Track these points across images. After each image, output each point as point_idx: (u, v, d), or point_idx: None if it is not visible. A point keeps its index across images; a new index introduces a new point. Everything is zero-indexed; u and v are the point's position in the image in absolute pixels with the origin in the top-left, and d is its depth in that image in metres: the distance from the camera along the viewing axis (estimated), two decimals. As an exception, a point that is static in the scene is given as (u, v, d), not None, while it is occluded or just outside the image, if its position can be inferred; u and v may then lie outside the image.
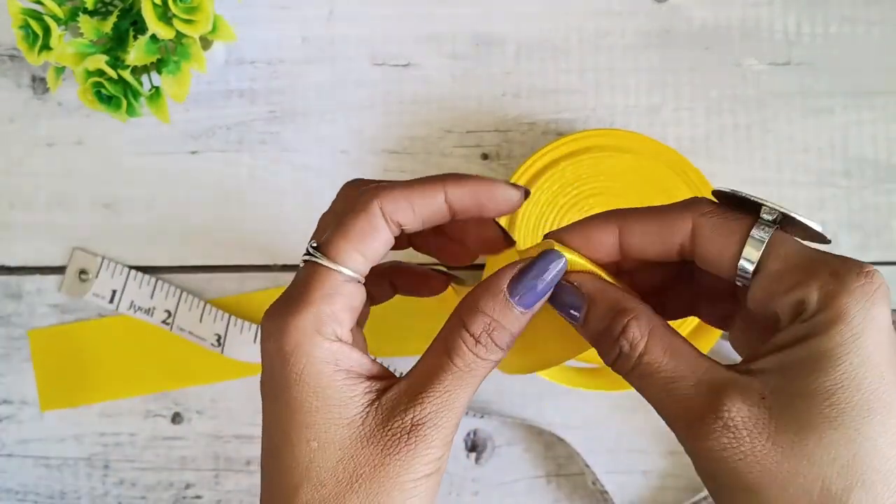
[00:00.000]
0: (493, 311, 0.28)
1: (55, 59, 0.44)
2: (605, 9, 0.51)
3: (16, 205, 0.52)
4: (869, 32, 0.51)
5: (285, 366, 0.28)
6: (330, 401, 0.28)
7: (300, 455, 0.28)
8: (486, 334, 0.28)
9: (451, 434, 0.29)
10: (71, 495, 0.52)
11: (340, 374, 0.28)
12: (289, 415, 0.28)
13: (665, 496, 0.50)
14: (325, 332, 0.28)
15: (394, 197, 0.29)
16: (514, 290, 0.29)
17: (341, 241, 0.29)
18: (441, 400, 0.28)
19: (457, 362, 0.29)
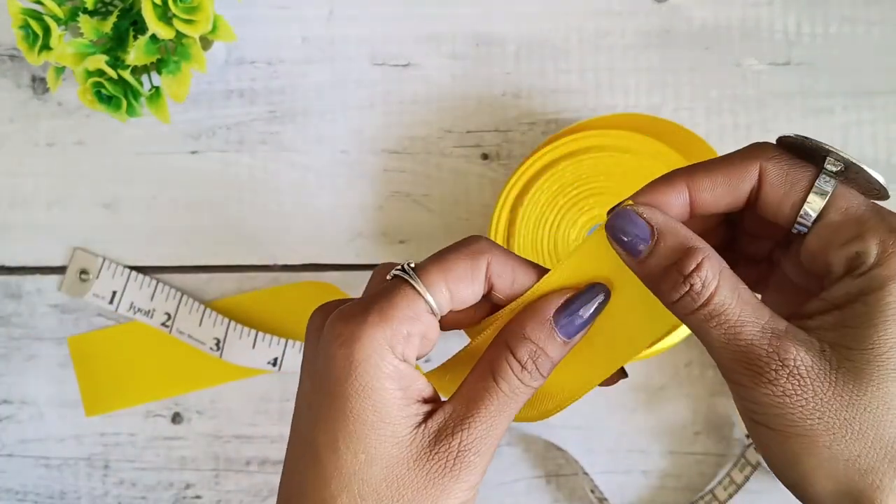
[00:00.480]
0: (538, 338, 0.29)
1: (55, 59, 0.44)
2: (605, 9, 0.51)
3: (16, 205, 0.52)
4: (869, 32, 0.51)
5: (350, 374, 0.28)
6: (386, 418, 0.28)
7: (345, 465, 0.28)
8: (532, 361, 0.29)
9: (489, 460, 0.29)
10: (71, 495, 0.52)
11: (400, 393, 0.28)
12: (342, 423, 0.28)
13: (665, 496, 0.50)
14: (396, 350, 0.28)
15: (502, 260, 0.29)
16: (559, 319, 0.29)
17: (438, 274, 0.29)
18: (486, 425, 0.28)
19: (503, 387, 0.29)
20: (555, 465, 0.50)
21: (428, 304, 0.28)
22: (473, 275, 0.29)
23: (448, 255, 0.29)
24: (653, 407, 0.50)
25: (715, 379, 0.50)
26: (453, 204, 0.51)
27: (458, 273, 0.29)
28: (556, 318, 0.29)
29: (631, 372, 0.50)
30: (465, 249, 0.29)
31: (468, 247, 0.29)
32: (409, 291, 0.28)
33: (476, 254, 0.29)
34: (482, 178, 0.51)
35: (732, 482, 0.49)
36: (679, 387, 0.50)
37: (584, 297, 0.29)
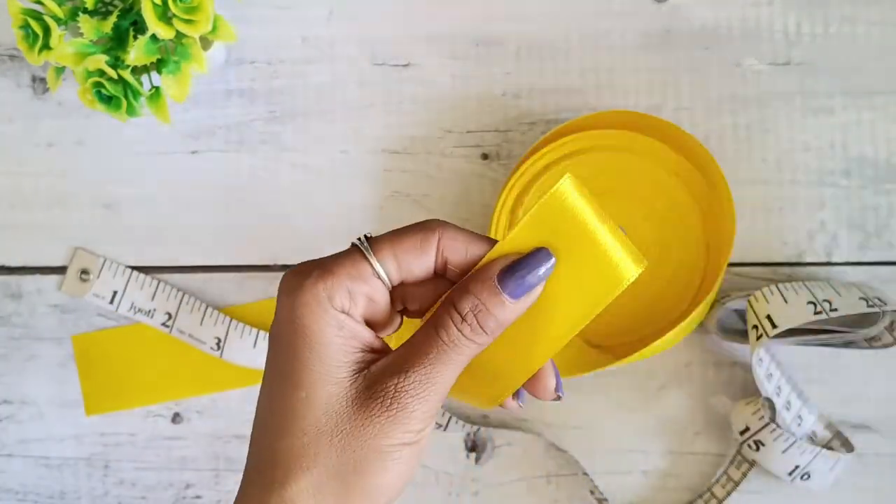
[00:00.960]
0: (480, 294, 0.30)
1: (55, 59, 0.44)
2: (606, 9, 0.51)
3: (16, 205, 0.52)
4: (869, 32, 0.51)
5: (293, 319, 0.30)
6: (326, 359, 0.30)
7: (288, 403, 0.30)
8: (472, 314, 0.30)
9: (432, 409, 0.30)
10: (71, 495, 0.52)
11: (340, 339, 0.30)
12: (287, 365, 0.30)
13: (665, 496, 0.50)
14: (335, 301, 0.30)
15: (455, 234, 0.31)
16: (504, 279, 0.30)
17: (388, 244, 0.31)
18: (425, 371, 0.30)
19: (442, 336, 0.30)
20: (555, 465, 0.50)
21: (374, 268, 0.30)
22: (423, 247, 0.31)
23: (401, 230, 0.31)
24: (653, 407, 0.50)
25: (715, 379, 0.50)
26: (453, 204, 0.51)
27: (407, 244, 0.31)
28: (500, 278, 0.30)
29: (631, 371, 0.50)
30: (418, 225, 0.31)
31: (422, 224, 0.31)
32: (357, 255, 0.31)
33: (427, 229, 0.31)
34: (482, 178, 0.51)
35: (730, 480, 0.49)
36: (679, 387, 0.50)
37: (528, 258, 0.31)
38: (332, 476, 0.30)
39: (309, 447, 0.30)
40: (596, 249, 0.31)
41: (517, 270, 0.31)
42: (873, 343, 0.48)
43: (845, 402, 0.50)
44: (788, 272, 0.50)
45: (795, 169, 0.51)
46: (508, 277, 0.30)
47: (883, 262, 0.50)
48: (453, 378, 0.31)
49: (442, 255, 0.31)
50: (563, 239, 0.31)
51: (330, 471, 0.30)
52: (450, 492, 0.51)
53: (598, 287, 0.31)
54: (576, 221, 0.31)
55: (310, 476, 0.30)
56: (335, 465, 0.30)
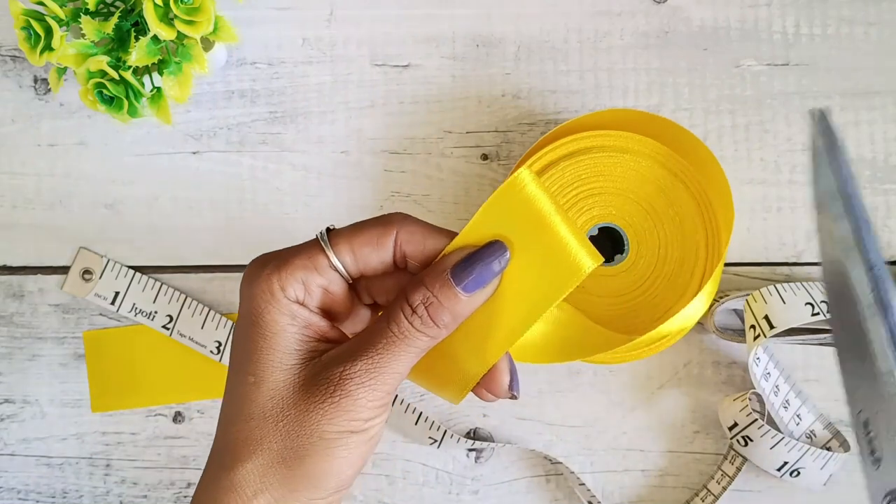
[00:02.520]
0: (433, 286, 0.30)
1: (57, 60, 0.45)
2: (605, 9, 0.51)
3: (18, 205, 0.52)
4: (867, 33, 0.51)
5: (249, 309, 0.31)
6: (276, 346, 0.30)
7: (241, 389, 0.31)
8: (423, 307, 0.30)
9: (379, 398, 0.30)
10: (73, 494, 0.52)
11: (294, 327, 0.31)
12: (243, 353, 0.31)
13: (664, 495, 0.50)
14: (288, 292, 0.31)
15: (412, 228, 0.31)
16: (457, 273, 0.31)
17: (345, 236, 0.31)
18: (373, 361, 0.30)
19: (392, 328, 0.30)
20: (554, 465, 0.51)
21: (329, 259, 0.31)
22: (380, 241, 0.31)
23: (361, 223, 0.32)
24: (651, 406, 0.50)
25: (714, 378, 0.50)
26: (453, 204, 0.52)
27: (364, 237, 0.31)
28: (453, 271, 0.30)
29: (631, 371, 0.50)
30: (378, 219, 0.32)
31: (381, 217, 0.32)
32: (315, 246, 0.31)
33: (386, 222, 0.31)
34: (482, 179, 0.51)
35: (725, 475, 0.49)
36: (678, 386, 0.50)
37: (482, 251, 0.31)
38: (277, 460, 0.30)
39: (255, 431, 0.30)
40: (554, 241, 0.30)
41: (471, 264, 0.31)
42: None
43: (844, 401, 0.50)
44: (787, 272, 0.50)
45: (794, 169, 0.51)
46: (462, 271, 0.30)
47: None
48: (404, 369, 0.31)
49: (401, 248, 0.31)
50: (519, 231, 0.31)
51: (274, 455, 0.30)
52: (450, 491, 0.51)
53: (555, 279, 0.31)
54: (533, 213, 0.30)
55: (255, 460, 0.30)
56: (280, 450, 0.30)
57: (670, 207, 0.48)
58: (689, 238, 0.48)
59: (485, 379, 0.33)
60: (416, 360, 0.31)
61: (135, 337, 0.52)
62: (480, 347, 0.32)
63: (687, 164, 0.47)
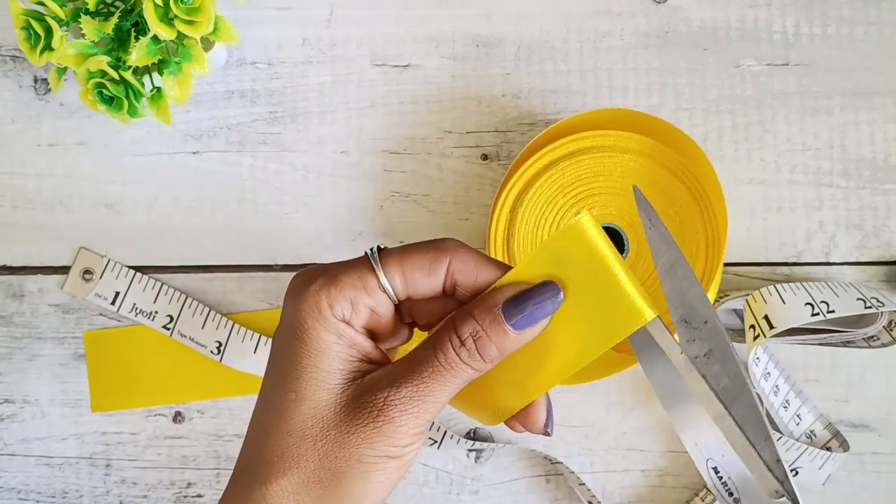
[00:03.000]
0: (483, 320, 0.30)
1: (57, 60, 0.45)
2: (605, 9, 0.51)
3: (18, 205, 0.52)
4: (867, 33, 0.51)
5: (294, 323, 0.30)
6: (321, 365, 0.30)
7: (279, 403, 0.30)
8: (472, 340, 0.30)
9: (420, 426, 0.30)
10: (73, 494, 0.52)
11: (339, 346, 0.30)
12: (283, 367, 0.31)
13: (664, 494, 0.50)
14: (335, 310, 0.30)
15: (465, 258, 0.31)
16: (508, 309, 0.30)
17: (397, 258, 0.31)
18: (417, 389, 0.30)
19: (439, 358, 0.30)
20: (554, 465, 0.51)
21: (379, 280, 0.30)
22: (432, 266, 0.31)
23: (413, 246, 0.31)
24: (651, 406, 0.50)
25: (714, 378, 0.50)
26: (453, 204, 0.52)
27: (416, 261, 0.31)
28: (504, 307, 0.30)
29: (631, 371, 0.50)
30: (431, 243, 0.31)
31: (434, 242, 0.31)
32: (365, 266, 0.31)
33: (440, 248, 0.31)
34: (482, 178, 0.51)
35: None
36: (678, 386, 0.50)
37: (535, 290, 0.30)
38: (313, 480, 0.30)
39: (292, 448, 0.30)
40: (612, 288, 0.30)
41: (523, 301, 0.30)
42: (872, 342, 0.48)
43: (844, 401, 0.50)
44: (787, 272, 0.50)
45: (794, 169, 0.51)
46: (513, 308, 0.30)
47: (881, 262, 0.50)
48: (446, 399, 0.31)
49: (452, 276, 0.31)
50: (576, 274, 0.30)
51: (310, 474, 0.30)
52: (450, 491, 0.51)
53: (610, 326, 0.30)
54: (592, 257, 0.30)
55: (290, 477, 0.30)
56: (316, 469, 0.30)
57: (670, 207, 0.48)
58: (689, 238, 0.48)
59: (521, 413, 0.33)
60: (459, 391, 0.31)
61: (135, 337, 0.52)
62: (523, 383, 0.32)
63: (687, 163, 0.47)
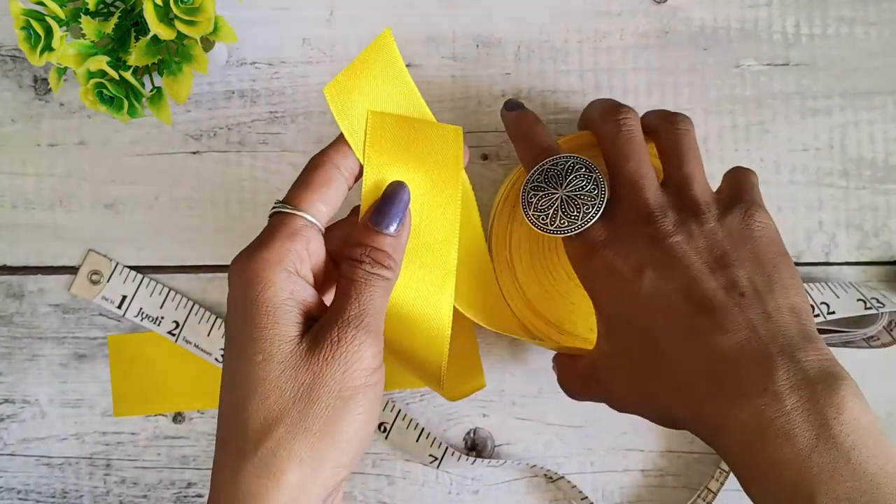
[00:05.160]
0: (365, 239, 0.34)
1: (57, 60, 0.45)
2: (605, 9, 0.51)
3: (17, 205, 0.52)
4: (867, 33, 0.51)
5: (247, 290, 0.32)
6: (280, 321, 0.32)
7: (248, 368, 0.31)
8: (365, 255, 0.34)
9: (376, 343, 0.33)
10: (73, 494, 0.52)
11: (292, 301, 0.32)
12: (244, 333, 0.32)
13: (664, 495, 0.50)
14: (286, 264, 0.32)
15: (341, 149, 0.36)
16: (375, 220, 0.35)
17: (302, 192, 0.34)
18: (356, 307, 0.33)
19: (354, 277, 0.34)
20: (554, 465, 0.51)
21: (304, 218, 0.34)
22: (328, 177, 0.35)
23: (303, 175, 0.35)
24: (652, 406, 0.51)
25: (714, 378, 0.50)
26: (453, 204, 0.52)
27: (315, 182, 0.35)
28: (373, 220, 0.35)
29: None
30: (314, 162, 0.36)
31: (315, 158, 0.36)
32: (284, 217, 0.34)
33: (322, 159, 0.36)
34: (482, 179, 0.51)
35: (723, 472, 0.49)
36: (678, 386, 0.50)
37: (385, 194, 0.36)
38: (301, 429, 0.30)
39: (273, 408, 0.31)
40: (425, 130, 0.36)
41: (381, 208, 0.35)
42: (872, 342, 0.48)
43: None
44: (787, 272, 0.50)
45: (794, 169, 0.51)
46: (378, 217, 0.35)
47: (881, 262, 0.50)
48: (381, 307, 0.34)
49: (344, 171, 0.36)
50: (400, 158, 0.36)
51: (297, 425, 0.30)
52: (450, 491, 0.51)
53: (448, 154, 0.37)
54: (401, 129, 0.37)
55: (279, 435, 0.30)
56: (301, 418, 0.31)
57: None
58: None
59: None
60: (386, 302, 0.35)
61: (158, 341, 0.51)
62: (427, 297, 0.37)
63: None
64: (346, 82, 0.37)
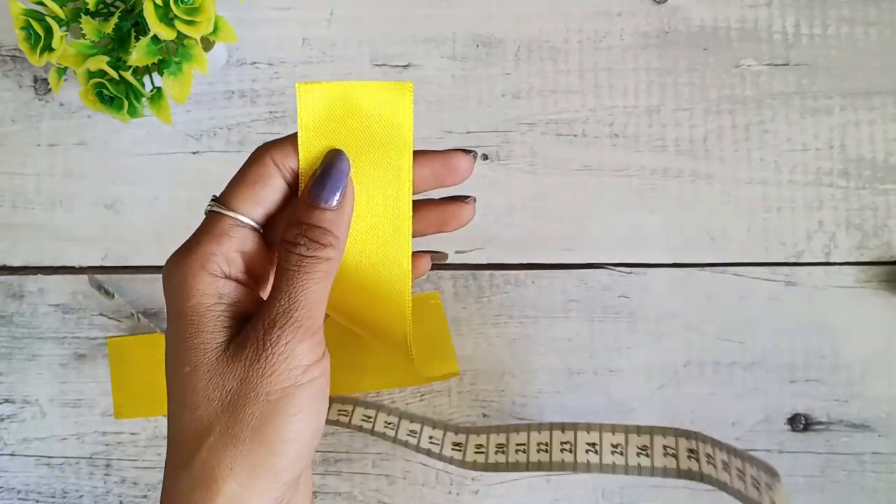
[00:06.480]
0: (302, 217, 0.31)
1: (57, 60, 0.45)
2: (605, 10, 0.51)
3: (18, 205, 0.52)
4: (867, 33, 0.51)
5: (173, 301, 0.30)
6: (204, 329, 0.30)
7: (178, 381, 0.30)
8: (302, 235, 0.31)
9: (309, 339, 0.30)
10: (73, 494, 0.52)
11: (220, 306, 0.30)
12: (173, 343, 0.30)
13: (664, 495, 0.50)
14: (210, 268, 0.30)
15: (282, 145, 0.32)
16: (314, 194, 0.32)
17: (234, 190, 0.32)
18: (285, 302, 0.30)
19: (287, 266, 0.31)
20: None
21: (234, 218, 0.31)
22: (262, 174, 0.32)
23: (238, 172, 0.32)
24: (652, 406, 0.50)
25: (714, 379, 0.50)
26: (453, 204, 0.52)
27: (248, 180, 0.32)
28: (311, 195, 0.32)
29: (631, 371, 0.50)
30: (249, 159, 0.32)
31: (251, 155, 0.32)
32: (214, 217, 0.32)
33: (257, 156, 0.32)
34: (482, 179, 0.51)
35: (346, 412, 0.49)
36: (677, 386, 0.50)
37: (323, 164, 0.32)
38: (231, 439, 0.29)
39: (203, 418, 0.29)
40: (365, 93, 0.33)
41: (321, 179, 0.32)
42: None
43: (844, 401, 0.50)
44: (787, 272, 0.50)
45: (794, 169, 0.51)
46: (317, 189, 0.32)
47: (881, 262, 0.50)
48: (318, 298, 0.31)
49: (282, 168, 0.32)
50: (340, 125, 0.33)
51: (227, 435, 0.29)
52: (450, 491, 0.51)
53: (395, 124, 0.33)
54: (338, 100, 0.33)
55: (209, 446, 0.29)
56: (229, 427, 0.29)
57: None
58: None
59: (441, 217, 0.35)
60: (327, 287, 0.32)
61: (157, 344, 0.51)
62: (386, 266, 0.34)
63: None
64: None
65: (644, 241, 0.51)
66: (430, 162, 0.34)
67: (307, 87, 0.33)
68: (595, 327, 0.51)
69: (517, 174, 0.51)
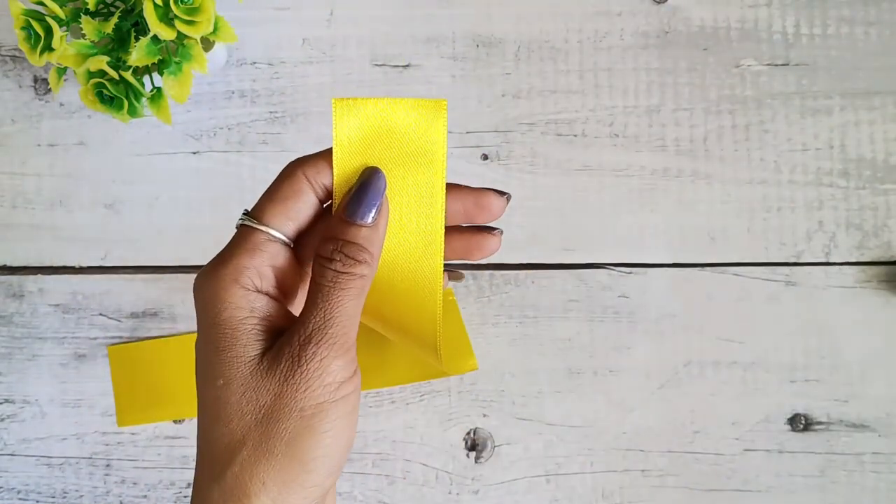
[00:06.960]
0: (337, 233, 0.32)
1: (57, 60, 0.45)
2: (605, 10, 0.51)
3: (18, 205, 0.52)
4: (867, 33, 0.51)
5: (205, 313, 0.31)
6: (238, 342, 0.30)
7: (211, 394, 0.30)
8: (337, 251, 0.31)
9: (343, 355, 0.30)
10: (73, 494, 0.52)
11: (253, 319, 0.30)
12: (206, 356, 0.31)
13: (664, 495, 0.50)
14: (243, 281, 0.31)
15: (315, 162, 0.33)
16: (350, 211, 0.32)
17: (267, 205, 0.32)
18: (320, 318, 0.30)
19: (322, 281, 0.31)
20: (554, 465, 0.51)
21: (266, 233, 0.31)
22: (295, 190, 0.32)
23: (270, 187, 0.33)
24: (651, 406, 0.50)
25: (714, 379, 0.50)
26: (453, 204, 0.52)
27: (281, 196, 0.32)
28: (346, 211, 0.32)
29: (631, 371, 0.50)
30: (281, 174, 0.33)
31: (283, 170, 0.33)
32: (246, 231, 0.32)
33: (289, 171, 0.33)
34: (482, 179, 0.51)
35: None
36: (677, 386, 0.50)
37: (360, 181, 0.33)
38: (264, 453, 0.29)
39: (236, 432, 0.30)
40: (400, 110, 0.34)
41: (357, 196, 0.32)
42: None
43: (844, 401, 0.50)
44: (787, 272, 0.50)
45: (794, 169, 0.51)
46: (353, 206, 0.32)
47: (881, 262, 0.50)
48: (352, 314, 0.31)
49: (315, 184, 0.33)
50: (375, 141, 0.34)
51: (260, 449, 0.29)
52: (450, 491, 0.51)
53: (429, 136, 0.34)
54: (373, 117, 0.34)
55: (242, 460, 0.29)
56: (263, 441, 0.29)
57: None
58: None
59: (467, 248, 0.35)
60: (360, 303, 0.32)
61: (158, 350, 0.51)
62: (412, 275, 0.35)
63: None
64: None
65: (644, 241, 0.51)
66: (464, 198, 0.34)
67: (343, 102, 0.33)
68: (595, 327, 0.51)
69: (517, 174, 0.51)
